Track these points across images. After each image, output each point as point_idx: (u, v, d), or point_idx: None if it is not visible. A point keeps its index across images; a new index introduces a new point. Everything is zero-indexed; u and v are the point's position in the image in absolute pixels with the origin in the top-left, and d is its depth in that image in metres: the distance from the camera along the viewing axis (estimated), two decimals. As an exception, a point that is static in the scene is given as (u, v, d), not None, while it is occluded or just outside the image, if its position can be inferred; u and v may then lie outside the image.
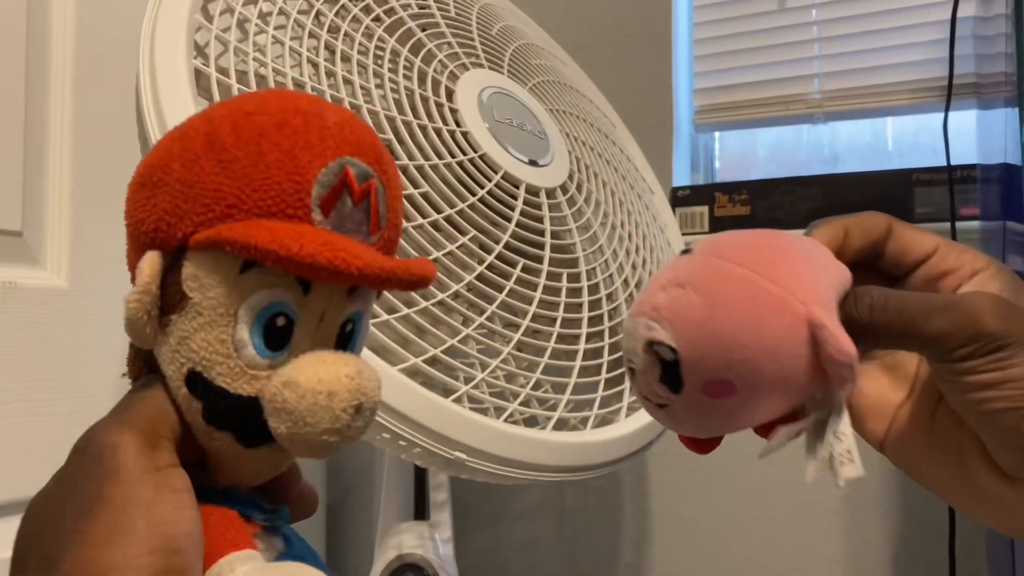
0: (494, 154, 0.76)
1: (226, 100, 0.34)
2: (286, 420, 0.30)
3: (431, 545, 0.89)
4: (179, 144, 0.32)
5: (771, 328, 0.33)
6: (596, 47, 1.37)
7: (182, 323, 0.31)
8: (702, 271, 0.34)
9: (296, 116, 0.31)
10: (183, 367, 0.31)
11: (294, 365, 0.30)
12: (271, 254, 0.29)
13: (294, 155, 0.31)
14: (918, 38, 1.20)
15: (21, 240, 0.88)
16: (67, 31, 0.94)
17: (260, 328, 0.31)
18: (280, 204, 0.31)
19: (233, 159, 0.31)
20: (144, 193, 0.32)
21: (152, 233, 0.31)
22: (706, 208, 1.26)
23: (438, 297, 0.67)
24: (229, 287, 0.31)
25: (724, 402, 0.34)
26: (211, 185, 0.31)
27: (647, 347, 0.34)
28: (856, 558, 1.18)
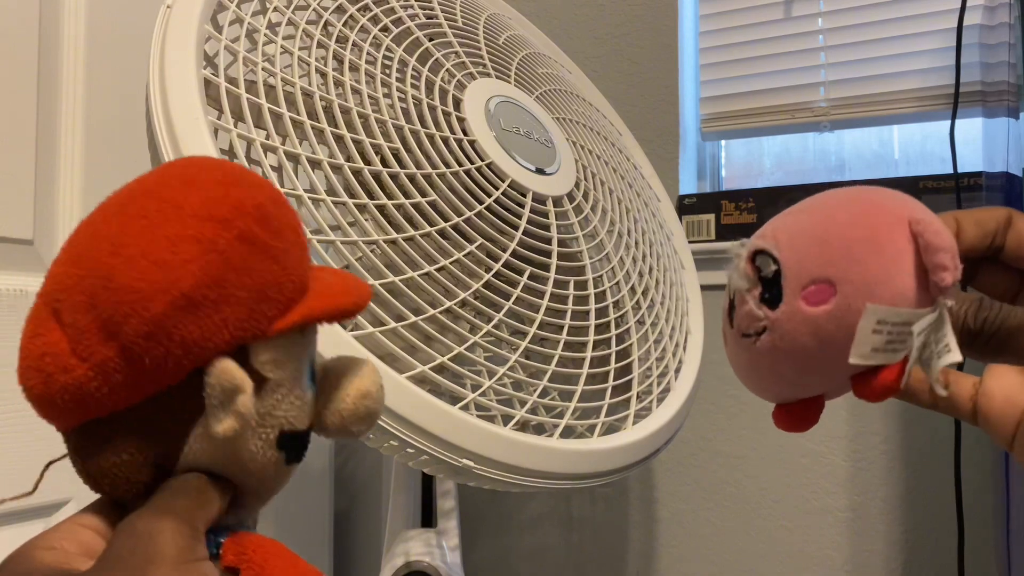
0: (501, 162, 0.77)
1: (174, 189, 0.33)
2: (368, 421, 0.36)
3: (438, 553, 0.89)
4: (216, 256, 0.31)
5: (873, 221, 0.33)
6: (603, 56, 1.38)
7: (263, 402, 0.33)
8: (803, 202, 0.36)
9: (274, 192, 0.35)
10: (271, 434, 0.34)
11: (343, 381, 0.36)
12: (348, 313, 0.34)
13: (295, 228, 0.35)
14: (924, 46, 1.20)
15: (32, 248, 0.89)
16: (78, 43, 0.95)
17: (310, 371, 0.36)
18: (306, 271, 0.35)
19: (279, 252, 0.33)
20: (200, 314, 0.31)
21: (224, 346, 0.32)
22: (712, 216, 1.26)
23: (445, 305, 0.67)
24: (296, 356, 0.34)
25: (824, 310, 0.33)
26: (274, 281, 0.33)
27: (750, 260, 0.35)
28: (863, 566, 1.18)
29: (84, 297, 0.32)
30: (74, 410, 0.32)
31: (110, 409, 0.32)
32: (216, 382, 0.31)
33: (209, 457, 0.33)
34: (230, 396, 0.31)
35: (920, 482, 1.16)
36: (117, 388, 0.31)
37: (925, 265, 0.32)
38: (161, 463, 0.33)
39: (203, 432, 0.32)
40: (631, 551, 1.32)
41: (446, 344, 0.66)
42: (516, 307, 0.72)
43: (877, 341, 0.32)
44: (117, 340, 0.31)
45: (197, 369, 0.32)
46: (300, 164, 0.66)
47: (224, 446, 0.33)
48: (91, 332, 0.31)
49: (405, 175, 0.70)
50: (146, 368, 0.31)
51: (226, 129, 0.63)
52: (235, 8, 0.69)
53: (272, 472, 0.35)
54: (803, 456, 1.22)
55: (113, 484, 0.33)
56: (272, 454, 0.34)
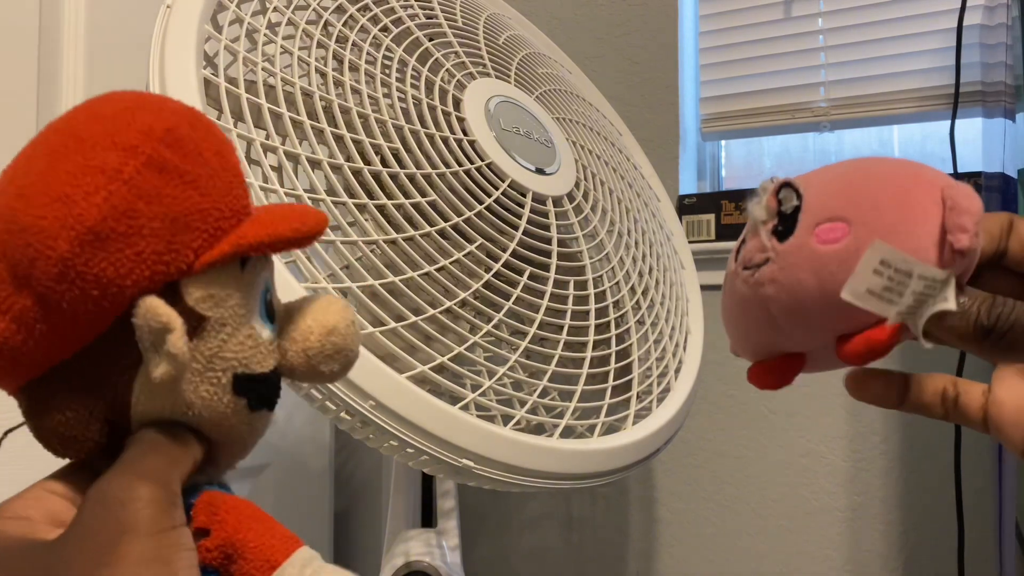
0: (501, 162, 0.77)
1: (77, 122, 0.31)
2: (339, 358, 0.34)
3: (438, 552, 0.89)
4: (121, 185, 0.29)
5: (907, 181, 0.33)
6: (603, 56, 1.38)
7: (206, 343, 0.31)
8: (844, 161, 0.35)
9: (193, 115, 0.32)
10: (223, 378, 0.31)
11: (308, 318, 0.34)
12: (289, 242, 0.32)
13: (220, 151, 0.32)
14: (924, 46, 1.20)
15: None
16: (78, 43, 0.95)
17: (264, 309, 0.33)
18: (241, 198, 0.32)
19: (195, 176, 0.31)
20: (111, 248, 0.29)
21: (144, 282, 0.29)
22: (712, 216, 1.26)
23: (445, 305, 0.67)
24: (242, 290, 0.32)
25: (832, 249, 0.32)
26: (194, 209, 0.30)
27: (774, 192, 0.34)
28: (863, 566, 1.18)
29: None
30: (10, 369, 0.30)
31: (46, 365, 0.30)
32: (143, 322, 0.29)
33: (160, 407, 0.31)
34: (159, 336, 0.29)
35: (920, 482, 1.16)
36: (43, 340, 0.30)
37: (947, 227, 0.31)
38: (111, 418, 0.31)
39: (146, 381, 0.30)
40: (631, 551, 1.32)
41: (446, 344, 0.66)
42: (516, 307, 0.72)
43: (875, 283, 0.31)
44: (30, 287, 0.29)
45: (128, 315, 0.29)
46: (300, 164, 0.66)
47: (170, 393, 0.31)
48: (5, 281, 0.30)
49: (405, 175, 0.70)
50: (65, 314, 0.29)
51: (226, 129, 0.63)
52: (235, 8, 0.69)
53: (235, 420, 0.32)
54: (803, 456, 1.22)
55: (63, 443, 0.31)
56: (229, 399, 0.32)
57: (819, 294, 0.32)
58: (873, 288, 0.31)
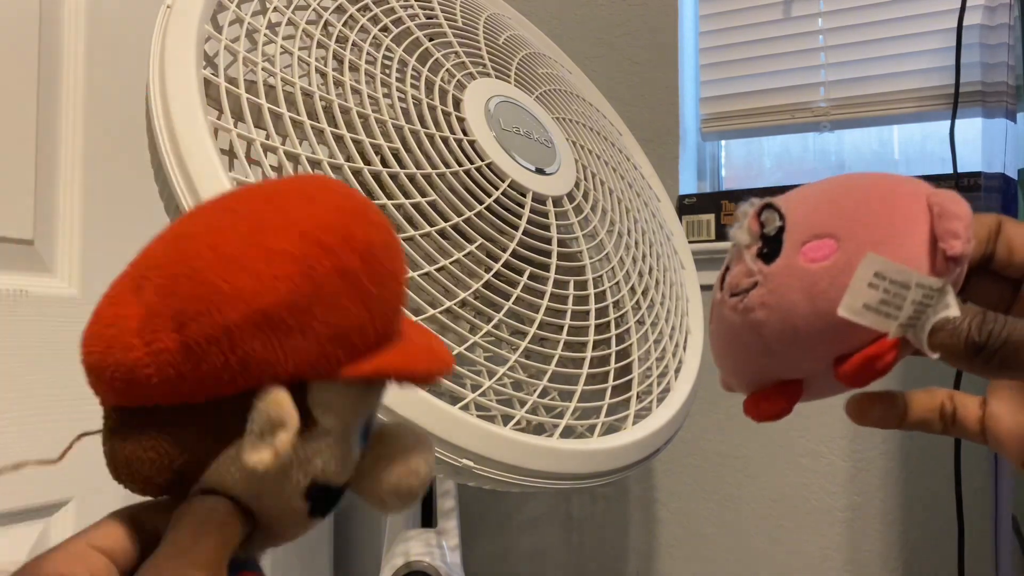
0: (501, 162, 0.77)
1: (292, 200, 0.32)
2: (406, 500, 0.34)
3: (438, 552, 0.89)
4: (308, 281, 0.30)
5: (890, 191, 0.32)
6: (603, 56, 1.38)
7: (305, 445, 0.31)
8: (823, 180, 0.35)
9: (390, 237, 0.33)
10: (302, 483, 0.32)
11: (395, 450, 0.34)
12: (420, 378, 0.32)
13: (397, 276, 0.33)
14: (924, 46, 1.20)
15: (32, 249, 0.89)
16: (78, 43, 0.95)
17: (365, 429, 0.34)
18: (396, 323, 0.33)
19: (372, 297, 0.31)
20: (272, 336, 0.30)
21: (284, 376, 0.30)
22: (712, 216, 1.26)
23: (445, 305, 0.67)
24: (355, 408, 0.32)
25: (821, 266, 0.31)
26: (358, 326, 0.31)
27: (756, 215, 0.34)
28: (863, 566, 1.18)
29: (168, 280, 0.30)
30: (121, 390, 0.31)
31: (155, 400, 0.31)
32: (264, 409, 0.29)
33: (232, 483, 0.31)
34: (273, 429, 0.29)
35: (920, 482, 1.16)
36: (168, 382, 0.30)
37: (937, 234, 0.30)
38: (185, 472, 0.31)
39: (235, 456, 0.31)
40: (631, 551, 1.32)
41: (446, 344, 0.66)
42: (516, 307, 0.72)
43: (871, 297, 0.30)
44: (182, 334, 0.30)
45: (251, 390, 0.30)
46: (300, 164, 0.66)
47: (251, 478, 0.31)
48: (162, 317, 0.30)
49: (405, 175, 0.70)
50: (200, 371, 0.30)
51: (226, 129, 0.63)
52: (235, 8, 0.69)
53: (293, 520, 0.32)
54: (803, 456, 1.22)
55: (131, 475, 0.31)
56: (298, 503, 0.32)
57: (812, 314, 0.31)
58: (870, 303, 0.30)
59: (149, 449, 0.31)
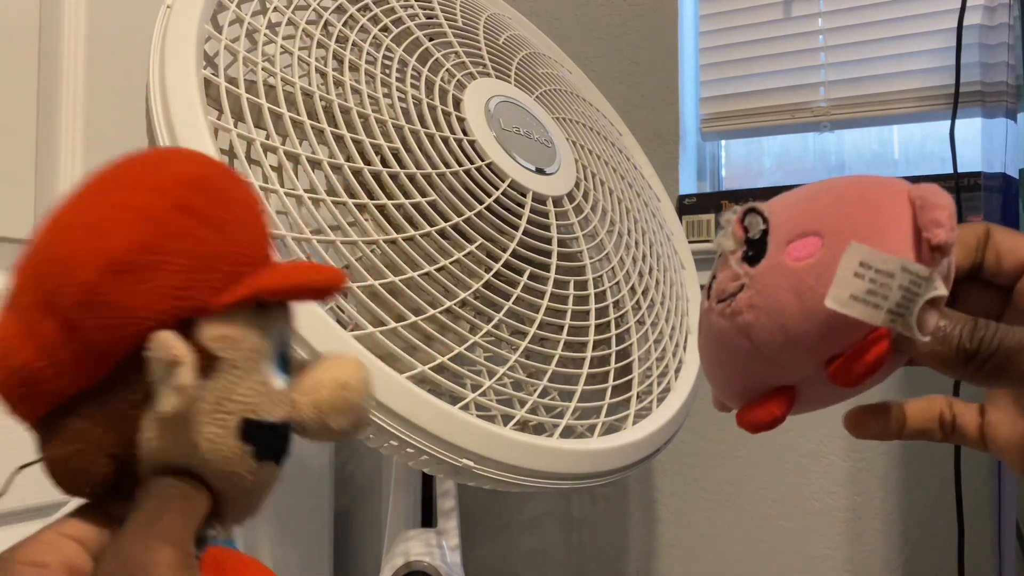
0: (501, 162, 0.77)
1: (120, 168, 0.33)
2: (349, 415, 0.34)
3: (438, 552, 0.89)
4: (148, 222, 0.31)
5: (871, 188, 0.32)
6: (603, 56, 1.38)
7: (217, 383, 0.31)
8: None
9: (227, 170, 0.34)
10: (229, 421, 0.32)
11: (322, 371, 0.34)
12: (305, 290, 0.33)
13: (247, 202, 0.34)
14: (924, 46, 1.20)
15: (32, 248, 0.89)
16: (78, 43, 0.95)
17: (278, 358, 0.34)
18: (263, 247, 0.34)
19: (221, 221, 0.32)
20: (132, 279, 0.30)
21: (161, 315, 0.31)
22: (712, 216, 1.26)
23: (445, 305, 0.67)
24: (256, 334, 0.32)
25: (807, 263, 0.31)
26: (215, 250, 0.32)
27: (740, 221, 0.34)
28: (863, 566, 1.18)
29: (30, 275, 0.32)
30: (29, 397, 0.31)
31: (63, 395, 0.31)
32: (155, 354, 0.30)
33: (167, 446, 0.31)
34: (170, 368, 0.30)
35: (920, 482, 1.16)
36: (63, 367, 0.31)
37: (920, 225, 0.30)
38: (119, 454, 0.32)
39: (154, 416, 0.31)
40: (631, 551, 1.32)
41: (446, 344, 0.66)
42: (516, 307, 0.72)
43: (857, 287, 0.30)
44: (56, 313, 0.31)
45: (143, 348, 0.30)
46: (300, 164, 0.66)
47: (178, 431, 0.31)
48: (35, 308, 0.31)
49: (405, 175, 0.70)
50: (85, 342, 0.30)
51: (226, 129, 0.63)
52: (235, 8, 0.69)
53: (241, 468, 0.32)
54: (803, 456, 1.22)
55: (70, 475, 0.32)
56: (234, 444, 0.32)
57: (801, 312, 0.31)
58: (856, 293, 0.30)
59: (74, 440, 0.32)
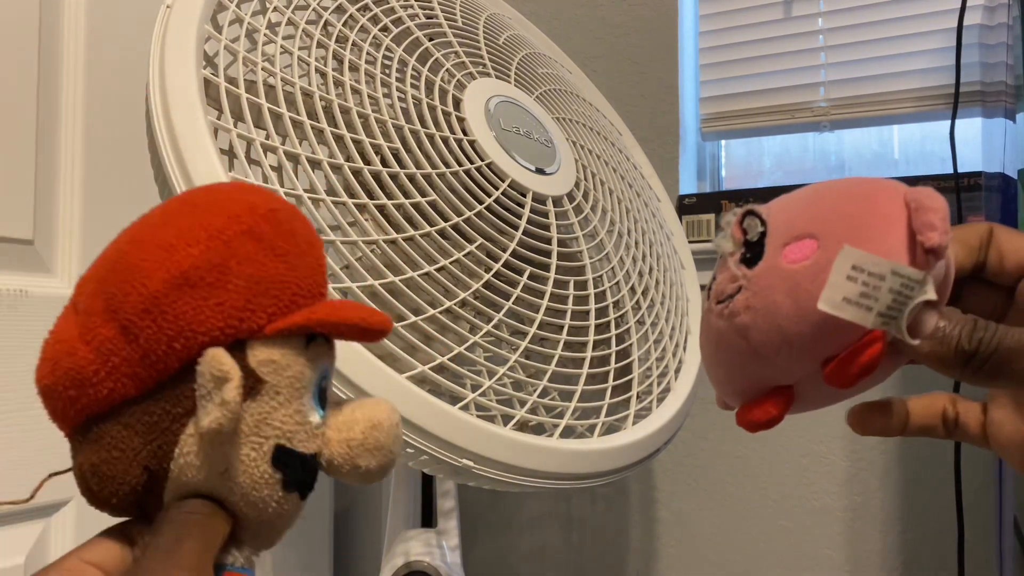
0: (501, 162, 0.77)
1: (195, 194, 0.35)
2: (378, 455, 0.35)
3: (438, 553, 0.89)
4: (219, 243, 0.32)
5: (868, 190, 0.33)
6: (603, 56, 1.38)
7: (258, 406, 0.32)
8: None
9: (292, 207, 0.36)
10: (264, 446, 0.32)
11: (356, 411, 0.35)
12: (355, 328, 0.34)
13: (311, 240, 0.35)
14: (924, 46, 1.20)
15: (32, 249, 0.89)
16: (78, 43, 0.95)
17: (317, 392, 0.35)
18: (320, 284, 0.35)
19: (285, 252, 0.34)
20: (195, 295, 0.32)
21: (217, 332, 0.32)
22: (712, 216, 1.26)
23: (445, 305, 0.67)
24: (302, 364, 0.33)
25: (803, 265, 0.32)
26: (277, 278, 0.33)
27: (739, 223, 0.34)
28: (863, 566, 1.18)
29: (96, 283, 0.33)
30: (75, 399, 0.32)
31: (108, 400, 0.32)
32: (205, 369, 0.31)
33: (199, 464, 0.32)
34: (217, 384, 0.31)
35: (920, 482, 1.16)
36: (114, 372, 0.32)
37: (915, 227, 0.31)
38: (152, 466, 0.32)
39: (194, 432, 0.32)
40: (631, 551, 1.32)
41: (446, 344, 0.66)
42: (516, 307, 0.72)
43: (850, 289, 0.30)
44: (116, 319, 0.32)
45: (193, 364, 0.31)
46: (300, 164, 0.66)
47: (213, 449, 0.32)
48: (97, 313, 0.32)
49: (405, 175, 0.70)
50: (140, 348, 0.31)
51: (226, 129, 0.63)
52: (235, 8, 0.69)
53: (267, 495, 0.33)
54: (803, 456, 1.22)
55: (101, 483, 0.32)
56: (266, 470, 0.32)
57: (796, 313, 0.32)
58: (849, 295, 0.30)
59: (112, 448, 0.32)
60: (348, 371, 0.57)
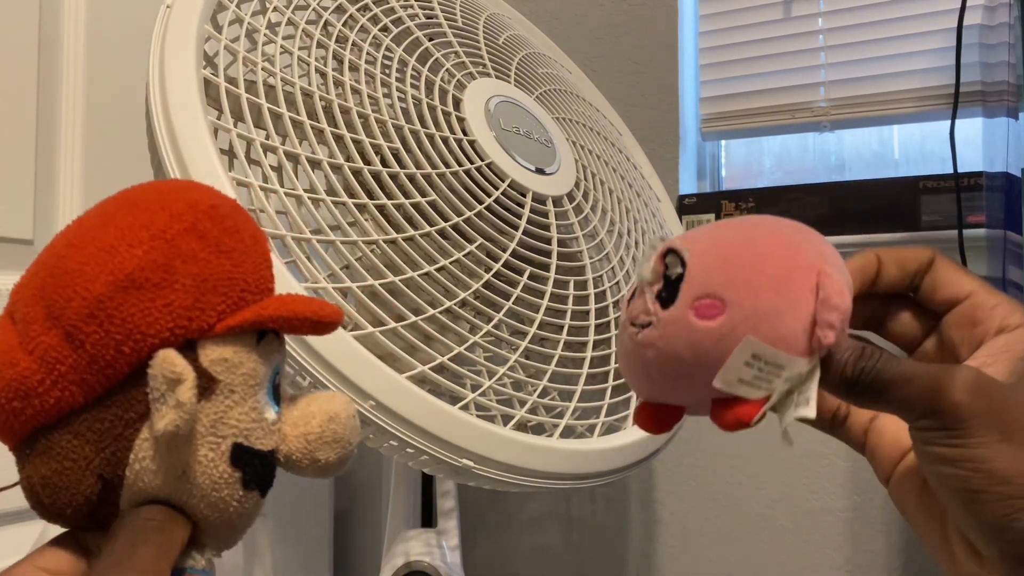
0: (501, 162, 0.77)
1: (131, 193, 0.34)
2: (337, 448, 0.35)
3: (438, 553, 0.89)
4: (162, 243, 0.32)
5: (785, 263, 0.33)
6: (603, 56, 1.38)
7: (213, 406, 0.32)
8: (734, 219, 0.37)
9: (234, 203, 0.35)
10: (221, 445, 0.32)
11: (311, 405, 0.35)
12: (306, 321, 0.33)
13: (255, 235, 0.35)
14: (924, 46, 1.20)
15: (32, 249, 0.89)
16: (78, 43, 0.95)
17: (271, 388, 0.34)
18: (268, 280, 0.35)
19: (230, 248, 0.33)
20: (142, 296, 0.31)
21: (166, 333, 0.31)
22: (712, 216, 1.26)
23: (445, 305, 0.67)
24: (254, 361, 0.33)
25: (707, 326, 0.33)
26: (223, 275, 0.33)
27: (661, 256, 0.35)
28: (863, 566, 1.18)
29: (34, 290, 0.32)
30: (20, 411, 0.31)
31: (55, 410, 0.31)
32: (157, 371, 0.30)
33: (156, 468, 0.31)
34: (171, 386, 0.30)
35: (920, 482, 1.16)
36: (60, 380, 0.31)
37: (816, 319, 0.33)
38: (106, 474, 0.31)
39: (148, 436, 0.31)
40: (631, 551, 1.32)
41: (446, 344, 0.66)
42: (516, 307, 0.72)
43: (746, 373, 0.33)
44: (60, 325, 0.31)
45: (143, 368, 0.31)
46: (300, 164, 0.66)
47: (169, 452, 0.31)
48: (37, 321, 0.31)
49: (405, 175, 0.70)
50: (87, 356, 0.30)
51: (226, 129, 0.63)
52: (235, 8, 0.69)
53: (227, 494, 0.32)
54: (803, 456, 1.22)
55: (53, 495, 0.31)
56: (225, 469, 0.32)
57: (694, 367, 0.34)
58: (744, 378, 0.33)
59: (63, 458, 0.31)
60: (348, 371, 0.57)
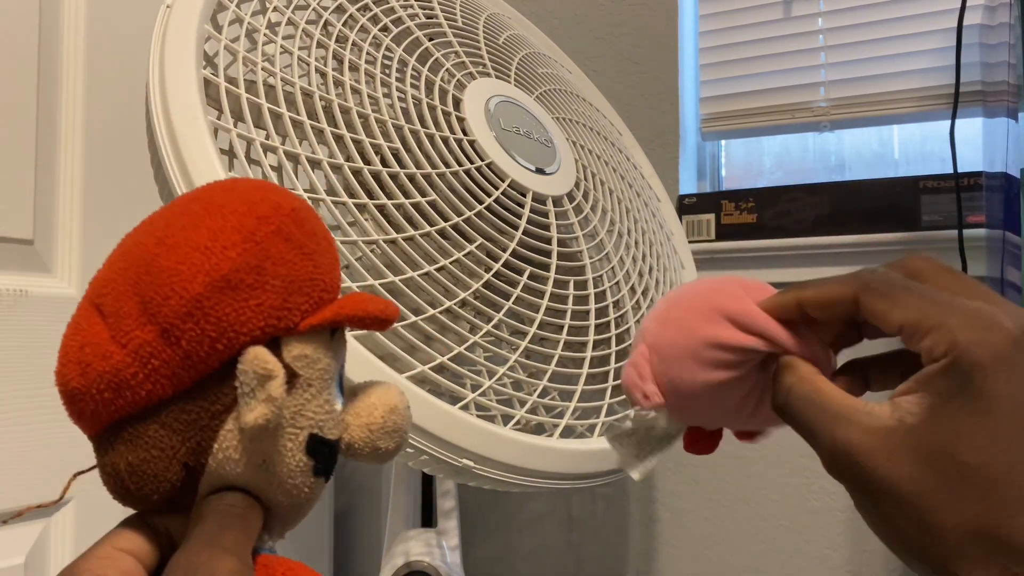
0: (501, 162, 0.77)
1: (214, 194, 0.35)
2: (396, 437, 0.37)
3: (438, 552, 0.89)
4: (254, 245, 0.33)
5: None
6: (603, 56, 1.38)
7: (293, 400, 0.34)
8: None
9: (307, 204, 0.37)
10: (299, 436, 0.34)
11: (371, 396, 0.37)
12: (376, 319, 0.35)
13: (328, 238, 0.37)
14: (924, 46, 1.20)
15: (32, 249, 0.89)
16: (78, 43, 0.95)
17: (339, 381, 0.36)
18: (338, 279, 0.37)
19: (312, 251, 0.35)
20: (236, 296, 0.33)
21: (257, 332, 0.33)
22: (712, 216, 1.26)
23: (445, 305, 0.67)
24: (329, 356, 0.35)
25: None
26: (307, 276, 0.35)
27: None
28: (863, 566, 1.18)
29: (127, 285, 0.33)
30: (110, 402, 0.32)
31: (145, 401, 0.32)
32: (248, 367, 0.32)
33: (239, 457, 0.33)
34: (262, 382, 0.32)
35: (920, 482, 1.16)
36: (153, 375, 0.32)
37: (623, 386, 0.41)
38: (190, 463, 0.33)
39: (234, 428, 0.33)
40: (631, 551, 1.32)
41: (446, 344, 0.66)
42: (516, 307, 0.72)
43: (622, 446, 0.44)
44: (156, 322, 0.32)
45: (231, 362, 0.32)
46: (300, 164, 0.66)
47: (254, 443, 0.33)
48: (131, 316, 0.32)
49: (405, 175, 0.70)
50: (182, 351, 0.32)
51: (226, 129, 0.63)
52: (235, 8, 0.69)
53: (300, 481, 0.34)
54: (803, 456, 1.22)
55: (140, 482, 0.32)
56: (302, 459, 0.34)
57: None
58: (621, 449, 0.45)
59: (151, 447, 0.32)
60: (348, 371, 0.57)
